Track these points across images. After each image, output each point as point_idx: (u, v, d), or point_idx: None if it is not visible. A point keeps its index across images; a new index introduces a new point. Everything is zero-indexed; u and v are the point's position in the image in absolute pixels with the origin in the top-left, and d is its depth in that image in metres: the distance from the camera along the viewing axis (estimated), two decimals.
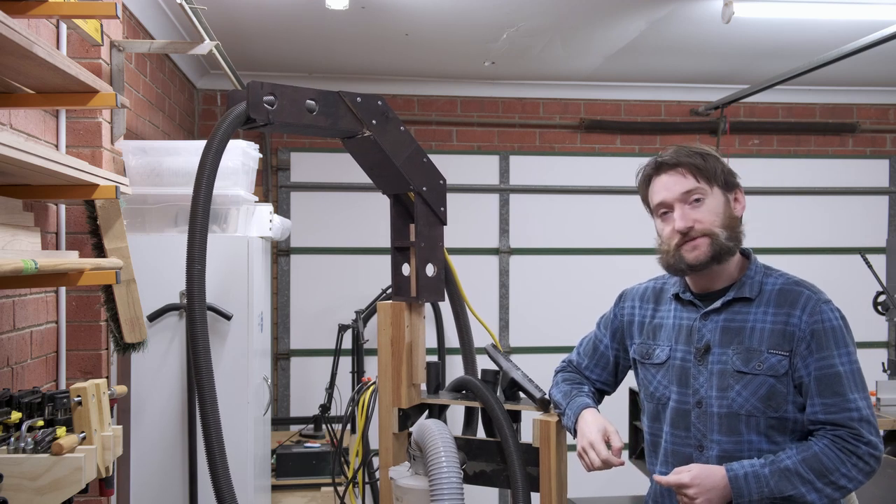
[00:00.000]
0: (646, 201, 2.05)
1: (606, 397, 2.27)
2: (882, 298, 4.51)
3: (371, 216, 5.12)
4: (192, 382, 2.96)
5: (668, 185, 1.95)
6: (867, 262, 4.35)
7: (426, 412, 2.37)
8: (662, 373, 2.02)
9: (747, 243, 2.02)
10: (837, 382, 1.82)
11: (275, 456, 3.89)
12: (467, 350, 2.49)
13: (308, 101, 2.03)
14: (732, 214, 1.95)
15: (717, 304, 1.95)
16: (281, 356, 5.22)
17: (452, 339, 3.96)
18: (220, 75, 4.94)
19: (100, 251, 2.57)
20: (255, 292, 3.06)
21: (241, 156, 3.05)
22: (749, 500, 1.80)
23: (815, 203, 5.63)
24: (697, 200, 1.92)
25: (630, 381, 2.27)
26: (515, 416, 2.22)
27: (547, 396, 2.19)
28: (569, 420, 2.06)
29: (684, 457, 1.96)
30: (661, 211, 1.98)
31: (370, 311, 4.63)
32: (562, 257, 5.45)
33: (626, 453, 4.18)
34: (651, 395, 2.05)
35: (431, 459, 2.03)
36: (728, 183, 1.96)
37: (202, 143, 2.03)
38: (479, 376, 2.27)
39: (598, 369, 2.22)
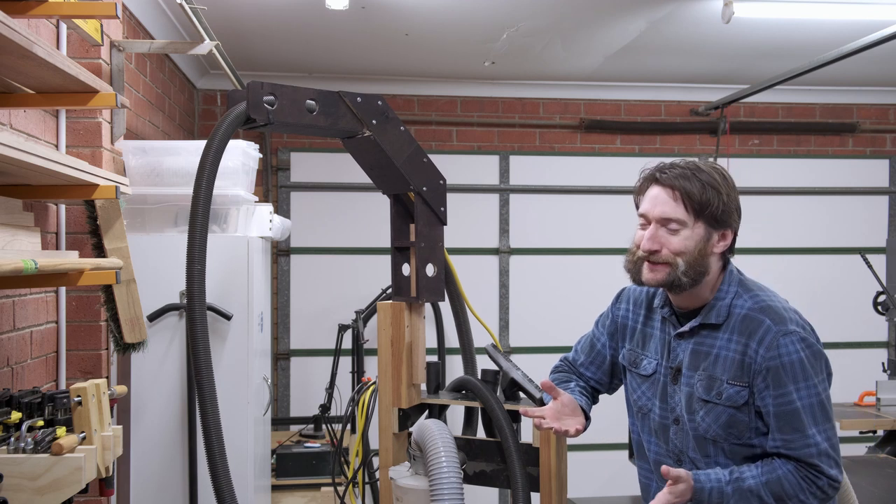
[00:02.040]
0: (636, 202, 2.01)
1: (609, 397, 2.27)
2: (882, 298, 4.51)
3: (371, 216, 5.11)
4: (192, 382, 2.96)
5: (654, 201, 1.90)
6: (867, 262, 4.35)
7: (426, 412, 2.37)
8: (647, 385, 2.03)
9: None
10: (796, 419, 1.80)
11: (275, 456, 3.89)
12: (467, 350, 2.50)
13: (308, 101, 2.03)
14: (706, 251, 1.87)
15: (686, 328, 1.94)
16: (281, 356, 5.22)
17: (452, 339, 3.95)
18: (220, 75, 4.94)
19: (100, 251, 2.57)
20: (255, 292, 3.07)
21: (241, 156, 3.05)
22: None
23: (815, 203, 5.63)
24: (674, 229, 1.88)
25: None
26: (515, 416, 2.22)
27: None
28: None
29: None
30: (641, 220, 1.95)
31: (370, 311, 4.63)
32: (562, 257, 5.45)
33: (626, 453, 4.18)
34: (634, 403, 2.07)
35: (431, 459, 2.03)
36: (719, 220, 1.87)
37: (202, 143, 2.03)
38: (479, 376, 2.27)
39: (593, 367, 2.21)
